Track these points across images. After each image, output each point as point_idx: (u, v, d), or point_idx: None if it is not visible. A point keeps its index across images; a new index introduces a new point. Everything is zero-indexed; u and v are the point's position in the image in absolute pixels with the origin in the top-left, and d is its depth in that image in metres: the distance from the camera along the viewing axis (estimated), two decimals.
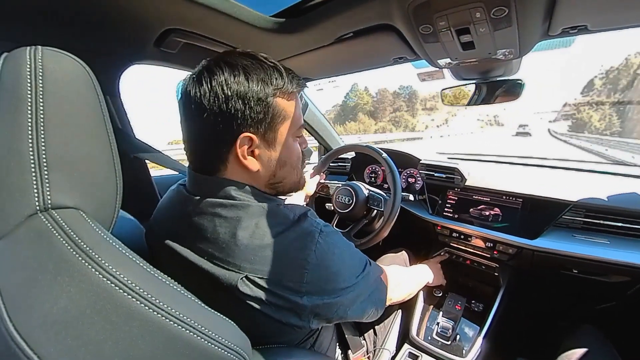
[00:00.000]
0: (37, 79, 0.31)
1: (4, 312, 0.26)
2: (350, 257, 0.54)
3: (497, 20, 0.62)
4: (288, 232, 0.47)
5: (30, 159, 0.30)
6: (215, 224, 0.46)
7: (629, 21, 0.64)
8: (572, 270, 0.93)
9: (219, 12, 0.68)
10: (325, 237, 0.48)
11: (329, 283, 0.48)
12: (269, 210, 0.48)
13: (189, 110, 0.46)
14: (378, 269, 0.64)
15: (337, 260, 0.50)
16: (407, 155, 1.40)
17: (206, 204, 0.47)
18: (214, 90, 0.44)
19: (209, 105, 0.44)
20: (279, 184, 0.54)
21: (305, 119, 1.45)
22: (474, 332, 1.01)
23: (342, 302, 0.50)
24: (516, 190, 1.05)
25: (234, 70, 0.45)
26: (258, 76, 0.46)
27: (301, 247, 0.46)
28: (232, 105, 0.44)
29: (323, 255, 0.47)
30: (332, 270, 0.49)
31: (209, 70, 0.45)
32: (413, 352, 1.00)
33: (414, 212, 1.24)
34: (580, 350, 0.79)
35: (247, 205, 0.47)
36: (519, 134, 32.30)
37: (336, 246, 0.50)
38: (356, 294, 0.53)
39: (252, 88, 0.45)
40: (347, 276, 0.51)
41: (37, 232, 0.30)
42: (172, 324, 0.29)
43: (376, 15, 0.71)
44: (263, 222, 0.46)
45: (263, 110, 0.46)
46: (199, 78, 0.45)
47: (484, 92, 1.02)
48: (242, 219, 0.46)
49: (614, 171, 1.08)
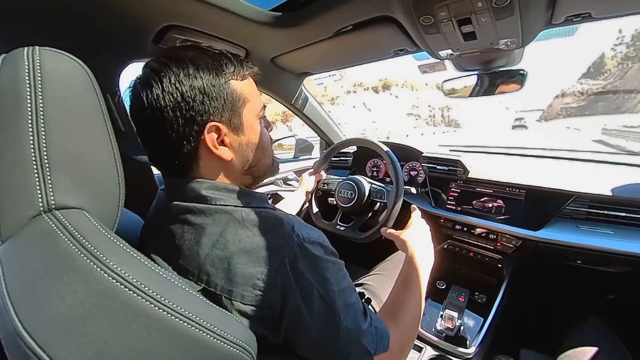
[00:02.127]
0: (36, 79, 0.31)
1: (13, 312, 0.26)
2: (326, 269, 0.45)
3: (499, 9, 0.61)
4: (252, 244, 0.42)
5: (32, 160, 0.31)
6: (184, 231, 0.44)
7: (634, 7, 0.62)
8: (576, 261, 0.93)
9: (216, 7, 0.67)
10: (295, 256, 0.42)
11: (298, 295, 0.42)
12: (238, 218, 0.44)
13: (145, 116, 0.44)
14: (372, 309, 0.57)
15: (312, 272, 0.43)
16: (409, 148, 1.39)
17: (177, 210, 0.46)
18: (167, 89, 0.42)
19: (167, 106, 0.42)
20: (254, 168, 0.53)
21: (306, 112, 1.45)
22: (477, 324, 1.01)
23: (316, 320, 0.43)
24: (519, 182, 1.05)
25: (182, 64, 0.43)
26: (208, 65, 0.44)
27: (269, 260, 0.41)
28: (191, 100, 0.43)
29: (283, 276, 0.41)
30: (305, 281, 0.42)
31: (156, 70, 0.43)
32: (417, 344, 1.01)
33: (417, 205, 1.24)
34: (586, 342, 0.79)
35: (215, 211, 0.45)
36: (516, 127, 32.24)
37: (313, 257, 0.44)
38: (332, 312, 0.44)
39: (205, 77, 0.44)
40: (326, 286, 0.44)
41: (41, 233, 0.30)
42: (178, 321, 0.29)
43: (376, 7, 0.70)
44: (228, 231, 0.43)
45: (222, 97, 0.45)
46: (147, 82, 0.43)
47: (486, 83, 1.01)
48: (207, 227, 0.43)
49: (618, 161, 1.07)
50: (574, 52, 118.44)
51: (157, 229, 0.49)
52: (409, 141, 1.46)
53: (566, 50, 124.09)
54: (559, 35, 0.78)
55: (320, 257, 0.45)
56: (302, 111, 1.43)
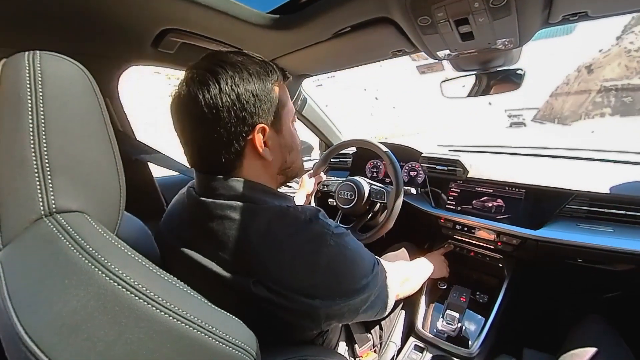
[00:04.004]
0: (36, 83, 0.31)
1: (14, 316, 0.26)
2: (361, 259, 0.54)
3: (496, 9, 0.61)
4: (299, 234, 0.47)
5: (34, 164, 0.31)
6: (225, 227, 0.46)
7: (630, 6, 0.63)
8: (577, 260, 0.93)
9: (215, 11, 0.68)
10: (336, 238, 0.49)
11: (341, 285, 0.49)
12: (279, 212, 0.48)
13: (198, 115, 0.45)
14: (385, 267, 0.64)
15: (349, 262, 0.50)
16: (409, 148, 1.39)
17: (215, 207, 0.47)
18: (225, 90, 0.44)
19: (223, 106, 0.44)
20: (289, 169, 0.57)
21: (305, 114, 1.45)
22: (479, 324, 1.01)
23: (353, 303, 0.50)
24: (519, 181, 1.05)
25: (235, 68, 0.46)
26: (257, 70, 0.48)
27: (312, 249, 0.46)
28: (245, 101, 0.46)
29: (334, 257, 0.48)
30: (344, 272, 0.49)
31: (212, 71, 0.45)
32: (419, 344, 1.01)
33: (417, 205, 1.24)
34: (587, 340, 0.79)
35: (256, 207, 0.48)
36: (513, 124, 31.72)
37: (347, 248, 0.50)
38: (367, 294, 0.53)
39: (257, 82, 0.47)
40: (358, 277, 0.51)
41: (43, 236, 0.30)
42: (179, 324, 0.29)
43: (373, 8, 0.70)
44: (273, 225, 0.46)
45: (269, 101, 0.49)
46: (204, 81, 0.45)
47: (485, 83, 1.02)
48: (252, 222, 0.46)
49: (617, 159, 1.07)
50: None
51: (188, 226, 0.51)
52: (408, 141, 1.46)
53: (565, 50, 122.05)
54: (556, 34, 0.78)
55: (351, 239, 0.54)
56: (301, 113, 1.43)
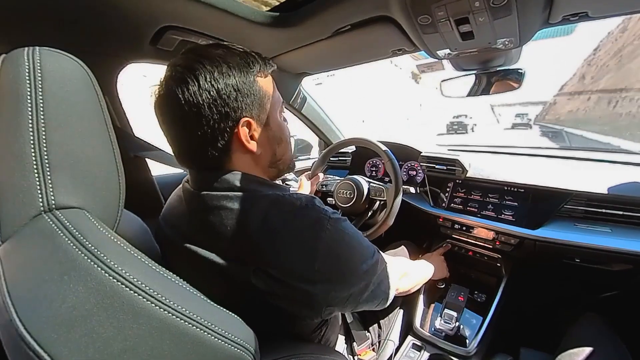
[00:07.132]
0: (36, 79, 0.31)
1: (13, 312, 0.26)
2: (359, 244, 0.54)
3: (496, 8, 0.62)
4: (296, 221, 0.47)
5: (33, 160, 0.31)
6: (223, 217, 0.46)
7: (630, 7, 0.63)
8: (575, 260, 0.94)
9: (214, 8, 0.67)
10: (334, 223, 0.48)
11: (341, 270, 0.49)
12: (275, 200, 0.48)
13: (180, 113, 0.45)
14: (385, 258, 0.65)
15: (348, 246, 0.50)
16: (408, 147, 1.39)
17: (212, 198, 0.47)
18: (204, 86, 0.44)
19: (203, 102, 0.44)
20: (279, 161, 0.57)
21: (304, 112, 1.45)
22: (477, 323, 1.01)
23: (354, 290, 0.50)
24: (517, 181, 1.05)
25: (214, 63, 0.45)
26: (237, 63, 0.47)
27: (311, 235, 0.46)
28: (226, 96, 0.45)
29: (333, 242, 0.48)
30: (344, 256, 0.49)
31: (190, 68, 0.44)
32: (417, 343, 1.01)
33: (416, 204, 1.24)
34: (584, 339, 0.79)
35: (252, 196, 0.47)
36: (517, 125, 30.47)
37: (345, 232, 0.50)
38: (367, 281, 0.53)
39: (237, 75, 0.46)
40: (358, 262, 0.51)
41: (42, 232, 0.30)
42: (178, 320, 0.29)
43: (373, 6, 0.70)
44: (270, 212, 0.46)
45: (252, 94, 0.48)
46: (182, 79, 0.44)
47: (484, 82, 1.02)
48: (249, 210, 0.46)
49: (615, 159, 1.08)
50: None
51: (185, 220, 0.51)
52: (407, 141, 1.46)
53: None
54: (556, 34, 0.78)
55: (349, 224, 0.53)
56: (301, 111, 1.43)
